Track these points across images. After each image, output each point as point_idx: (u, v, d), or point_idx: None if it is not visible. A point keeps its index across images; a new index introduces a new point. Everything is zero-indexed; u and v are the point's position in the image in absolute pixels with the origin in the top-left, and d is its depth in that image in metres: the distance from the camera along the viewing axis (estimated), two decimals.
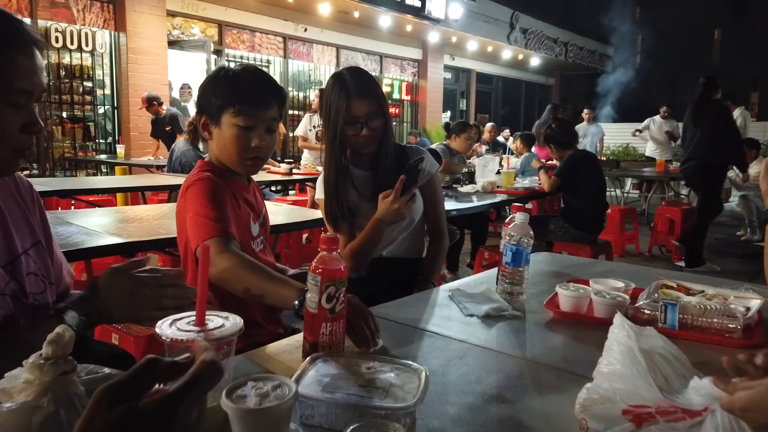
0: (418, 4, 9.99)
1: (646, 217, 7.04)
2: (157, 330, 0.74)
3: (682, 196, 7.40)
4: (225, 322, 0.77)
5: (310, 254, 4.57)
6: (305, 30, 10.01)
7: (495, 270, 1.65)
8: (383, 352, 1.06)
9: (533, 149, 7.37)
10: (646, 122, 8.45)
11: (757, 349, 0.76)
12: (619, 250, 5.20)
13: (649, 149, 8.55)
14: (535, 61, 14.43)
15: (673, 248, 5.37)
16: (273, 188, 5.52)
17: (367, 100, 1.73)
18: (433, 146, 4.96)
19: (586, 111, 8.83)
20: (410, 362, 0.90)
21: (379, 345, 1.07)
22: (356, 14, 9.75)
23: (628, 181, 8.56)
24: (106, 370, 0.75)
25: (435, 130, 11.83)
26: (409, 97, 12.47)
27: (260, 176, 4.71)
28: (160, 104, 6.55)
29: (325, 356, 0.92)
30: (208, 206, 1.35)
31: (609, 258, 4.09)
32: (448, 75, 13.59)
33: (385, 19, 10.02)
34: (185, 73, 8.25)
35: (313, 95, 6.07)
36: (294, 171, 5.35)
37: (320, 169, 5.50)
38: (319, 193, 1.90)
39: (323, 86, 10.95)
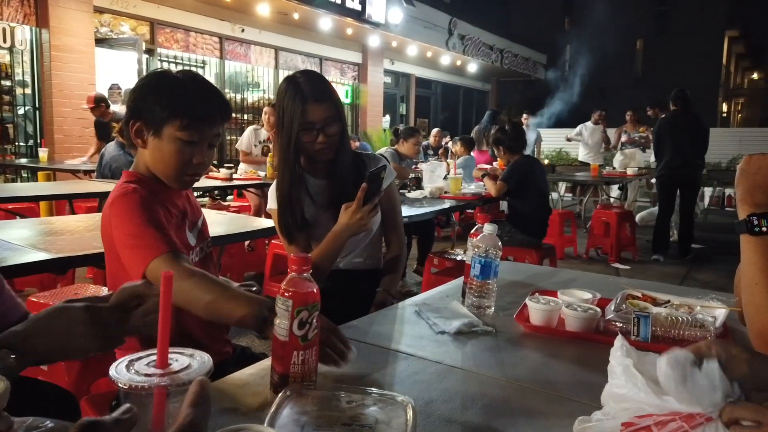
0: (359, 7, 9.94)
1: (582, 220, 7.28)
2: (112, 374, 0.63)
3: (612, 199, 7.70)
4: (191, 362, 0.67)
5: (254, 263, 4.41)
6: (242, 30, 9.76)
7: (458, 281, 1.61)
8: (358, 380, 0.98)
9: (472, 153, 7.48)
10: (578, 128, 8.75)
11: None
12: (559, 252, 5.32)
13: (582, 154, 8.85)
14: (472, 67, 14.70)
15: (610, 250, 5.57)
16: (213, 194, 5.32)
17: (324, 105, 1.65)
18: (382, 151, 4.92)
19: (525, 116, 9.05)
20: (393, 393, 0.82)
21: (351, 360, 1.00)
22: (296, 16, 9.59)
23: (562, 185, 8.84)
24: (49, 423, 0.64)
25: (376, 134, 11.82)
26: (349, 101, 12.41)
27: (199, 181, 4.50)
28: (108, 106, 6.16)
29: (298, 390, 0.84)
30: (141, 224, 1.23)
31: (553, 262, 4.17)
32: (389, 79, 13.63)
33: (326, 22, 9.91)
34: (114, 73, 7.83)
35: (264, 111, 5.84)
36: (233, 176, 5.16)
37: (262, 174, 5.33)
38: (272, 203, 1.80)
39: (262, 87, 10.62)
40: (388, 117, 13.20)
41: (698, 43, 21.55)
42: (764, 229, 1.04)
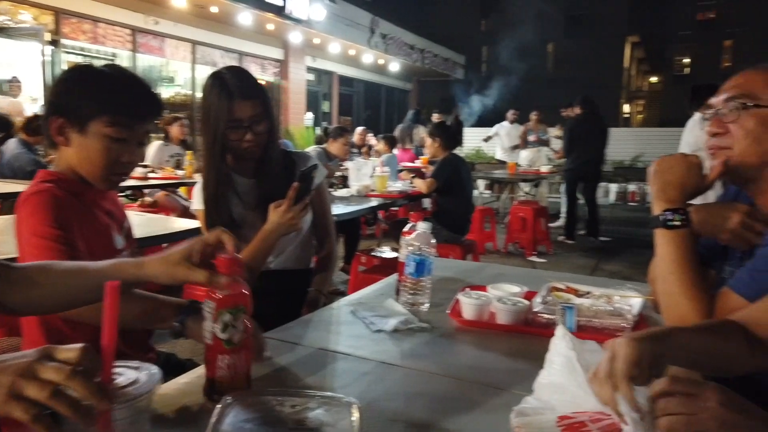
0: (280, 3, 9.78)
1: (501, 215, 7.55)
2: None
3: (530, 196, 8.05)
4: (138, 376, 0.63)
5: None
6: (156, 23, 9.32)
7: (392, 279, 1.62)
8: (300, 383, 0.97)
9: (395, 151, 7.58)
10: (495, 128, 9.06)
11: None
12: (480, 247, 5.49)
13: (499, 153, 9.18)
14: (394, 66, 14.86)
15: (527, 244, 5.82)
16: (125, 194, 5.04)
17: (251, 102, 1.61)
18: (309, 149, 4.88)
19: (455, 116, 9.26)
20: (337, 395, 0.82)
21: (262, 361, 1.03)
22: (214, 9, 9.29)
23: (481, 182, 9.13)
24: None
25: (298, 131, 11.68)
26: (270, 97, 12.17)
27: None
28: None
29: (239, 397, 0.81)
30: (48, 225, 1.15)
31: (476, 257, 4.30)
32: (311, 76, 13.51)
33: (245, 16, 9.66)
34: (14, 65, 7.25)
35: (176, 124, 5.54)
36: (150, 175, 4.93)
37: (180, 173, 5.12)
38: (198, 204, 1.73)
39: (178, 82, 10.19)
40: (310, 114, 13.08)
41: (603, 47, 22.96)
42: (677, 223, 1.12)
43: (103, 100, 1.21)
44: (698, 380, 0.68)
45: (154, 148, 5.46)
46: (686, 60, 26.54)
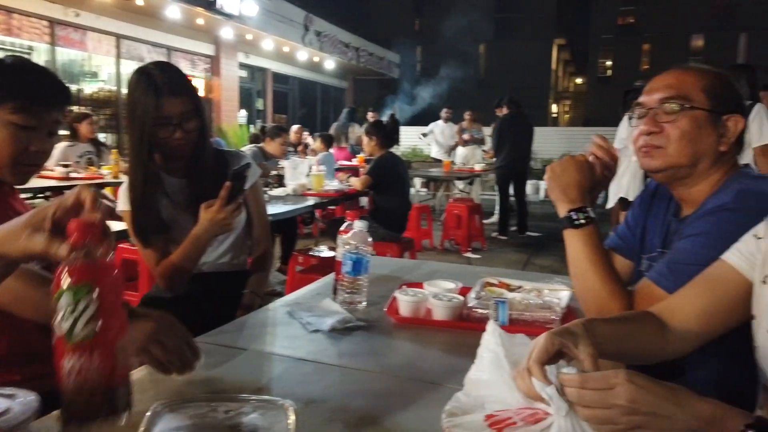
0: None
1: (437, 213, 7.67)
2: None
3: (464, 193, 8.22)
4: (11, 405, 0.58)
5: None
6: (77, 15, 8.83)
7: (329, 278, 1.62)
8: (234, 388, 0.95)
9: (332, 150, 7.55)
10: (430, 126, 9.20)
11: None
12: (417, 245, 5.56)
13: (434, 151, 9.32)
14: (329, 64, 14.78)
15: (462, 240, 5.94)
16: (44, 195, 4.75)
17: (181, 99, 1.56)
18: (245, 149, 4.77)
19: (390, 114, 9.30)
20: (272, 397, 0.81)
21: (196, 368, 0.94)
22: (139, 2, 8.90)
23: (417, 180, 9.25)
24: None
25: (231, 129, 11.40)
26: (202, 95, 11.82)
27: (30, 181, 4.01)
28: None
29: (169, 404, 0.78)
30: None
31: (413, 254, 4.35)
32: (244, 73, 13.20)
33: (173, 10, 9.32)
34: None
35: (85, 122, 5.19)
36: (72, 175, 4.68)
37: (105, 172, 4.87)
38: (123, 205, 1.66)
39: (102, 78, 9.70)
40: (244, 112, 12.80)
41: (532, 49, 23.76)
42: (583, 221, 1.17)
43: (7, 85, 1.15)
44: (609, 372, 0.71)
45: (59, 150, 5.10)
46: (609, 62, 27.85)
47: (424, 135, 9.26)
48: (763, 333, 0.88)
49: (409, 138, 12.11)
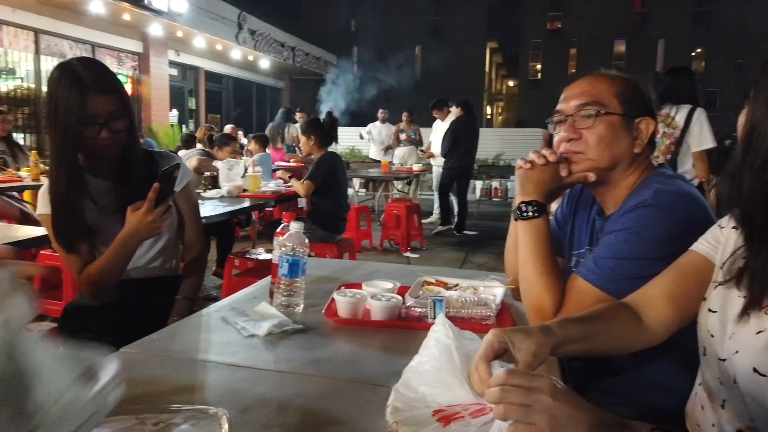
0: None
1: (376, 213, 7.70)
2: None
3: (399, 193, 8.30)
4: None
5: None
6: None
7: (265, 282, 1.58)
8: (165, 398, 0.91)
9: (268, 150, 7.42)
10: (368, 127, 9.23)
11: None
12: (357, 245, 5.56)
13: (373, 152, 9.35)
14: (264, 63, 14.53)
15: (401, 240, 5.99)
16: None
17: (108, 98, 1.49)
18: (193, 152, 4.61)
19: (327, 113, 9.21)
20: (205, 406, 0.78)
21: None
22: None
23: (356, 181, 9.25)
24: None
25: (162, 129, 11.00)
26: (130, 93, 11.34)
27: None
28: None
29: None
30: None
31: (352, 255, 4.34)
32: (175, 71, 12.78)
33: (97, 5, 8.89)
34: None
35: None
36: None
37: (24, 174, 4.62)
38: (44, 208, 1.56)
39: (19, 75, 9.16)
40: (175, 112, 12.39)
41: (466, 51, 24.28)
42: (530, 214, 1.21)
43: None
44: (534, 374, 0.73)
45: None
46: (538, 66, 28.84)
47: (362, 137, 9.28)
48: (705, 312, 0.93)
49: (347, 138, 12.10)
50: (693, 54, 25.48)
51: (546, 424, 0.67)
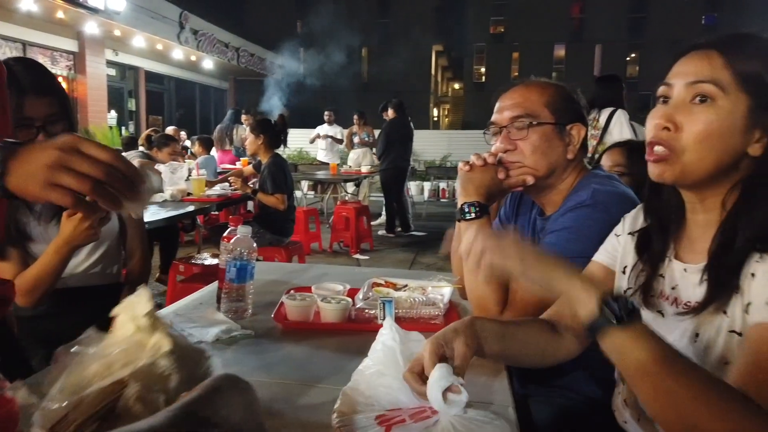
0: None
1: (325, 216, 7.66)
2: None
3: (349, 195, 8.29)
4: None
5: None
6: None
7: (212, 287, 1.56)
8: None
9: (216, 153, 7.28)
10: (317, 131, 9.20)
11: None
12: (306, 248, 5.52)
13: (321, 154, 9.32)
14: (208, 63, 14.22)
15: (351, 242, 5.99)
16: None
17: (47, 100, 1.43)
18: (131, 154, 4.44)
19: (279, 115, 9.09)
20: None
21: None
22: None
23: (305, 183, 9.19)
24: None
25: (100, 131, 10.57)
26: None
27: None
28: None
29: None
30: None
31: (302, 258, 4.32)
32: (113, 71, 12.32)
33: (28, 2, 8.48)
34: None
35: None
36: None
37: None
38: None
39: None
40: (114, 113, 11.94)
41: (412, 54, 24.49)
42: (473, 215, 1.25)
43: None
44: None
45: None
46: (482, 69, 29.44)
47: (313, 140, 9.25)
48: None
49: (295, 140, 12.00)
50: (628, 59, 26.63)
51: (516, 255, 0.82)
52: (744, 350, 0.75)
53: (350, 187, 8.17)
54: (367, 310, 1.36)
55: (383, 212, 7.46)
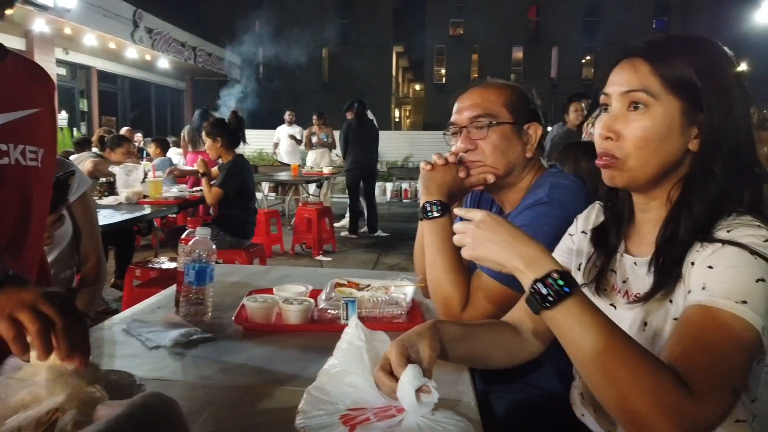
0: None
1: (287, 217, 7.60)
2: None
3: (311, 197, 8.24)
4: None
5: None
6: None
7: (170, 291, 1.52)
8: None
9: (172, 154, 7.13)
10: (277, 131, 9.11)
11: None
12: (267, 251, 5.46)
13: (281, 155, 9.23)
14: (164, 63, 13.89)
15: (313, 244, 5.95)
16: None
17: None
18: (84, 155, 4.29)
19: (232, 112, 8.95)
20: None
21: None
22: None
23: (266, 185, 9.08)
24: None
25: None
26: None
27: None
28: None
29: None
30: None
31: (263, 261, 4.26)
32: (63, 71, 11.91)
33: None
34: None
35: None
36: None
37: None
38: None
39: None
40: (65, 114, 11.54)
41: (373, 55, 24.53)
42: (436, 214, 1.26)
43: None
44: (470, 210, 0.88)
45: None
46: (443, 71, 29.70)
47: (276, 148, 9.18)
48: None
49: (255, 141, 11.84)
50: (583, 61, 27.32)
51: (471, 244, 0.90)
52: (677, 325, 0.79)
53: (312, 188, 8.12)
54: (330, 311, 1.36)
55: (347, 213, 7.45)
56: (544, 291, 0.77)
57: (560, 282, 0.77)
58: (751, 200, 0.83)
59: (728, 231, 0.80)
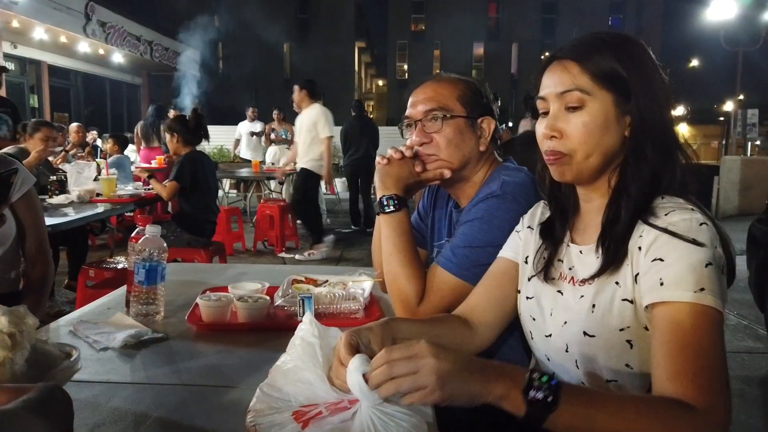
0: None
1: (248, 215, 7.49)
2: None
3: (274, 193, 8.15)
4: None
5: None
6: None
7: (120, 291, 1.48)
8: None
9: (136, 151, 6.94)
10: (238, 128, 8.98)
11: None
12: (228, 249, 5.37)
13: (243, 151, 9.10)
14: (118, 57, 13.49)
15: (276, 241, 5.88)
16: None
17: None
18: (8, 150, 4.10)
19: (193, 109, 8.75)
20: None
21: None
22: None
23: (227, 182, 8.93)
24: None
25: None
26: None
27: None
28: None
29: None
30: None
31: (223, 259, 4.19)
32: (12, 65, 11.44)
33: None
34: None
35: None
36: None
37: None
38: None
39: None
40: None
41: (335, 51, 24.38)
42: (392, 208, 1.26)
43: None
44: (411, 343, 0.75)
45: None
46: (405, 66, 29.76)
47: (237, 145, 9.05)
48: (523, 300, 1.06)
49: (215, 137, 11.62)
50: (542, 57, 27.77)
51: (435, 384, 0.71)
52: (656, 338, 0.81)
53: (273, 185, 8.03)
54: (286, 308, 1.34)
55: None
56: (540, 396, 0.72)
57: (543, 378, 0.73)
58: (681, 181, 0.90)
59: (666, 215, 0.85)
